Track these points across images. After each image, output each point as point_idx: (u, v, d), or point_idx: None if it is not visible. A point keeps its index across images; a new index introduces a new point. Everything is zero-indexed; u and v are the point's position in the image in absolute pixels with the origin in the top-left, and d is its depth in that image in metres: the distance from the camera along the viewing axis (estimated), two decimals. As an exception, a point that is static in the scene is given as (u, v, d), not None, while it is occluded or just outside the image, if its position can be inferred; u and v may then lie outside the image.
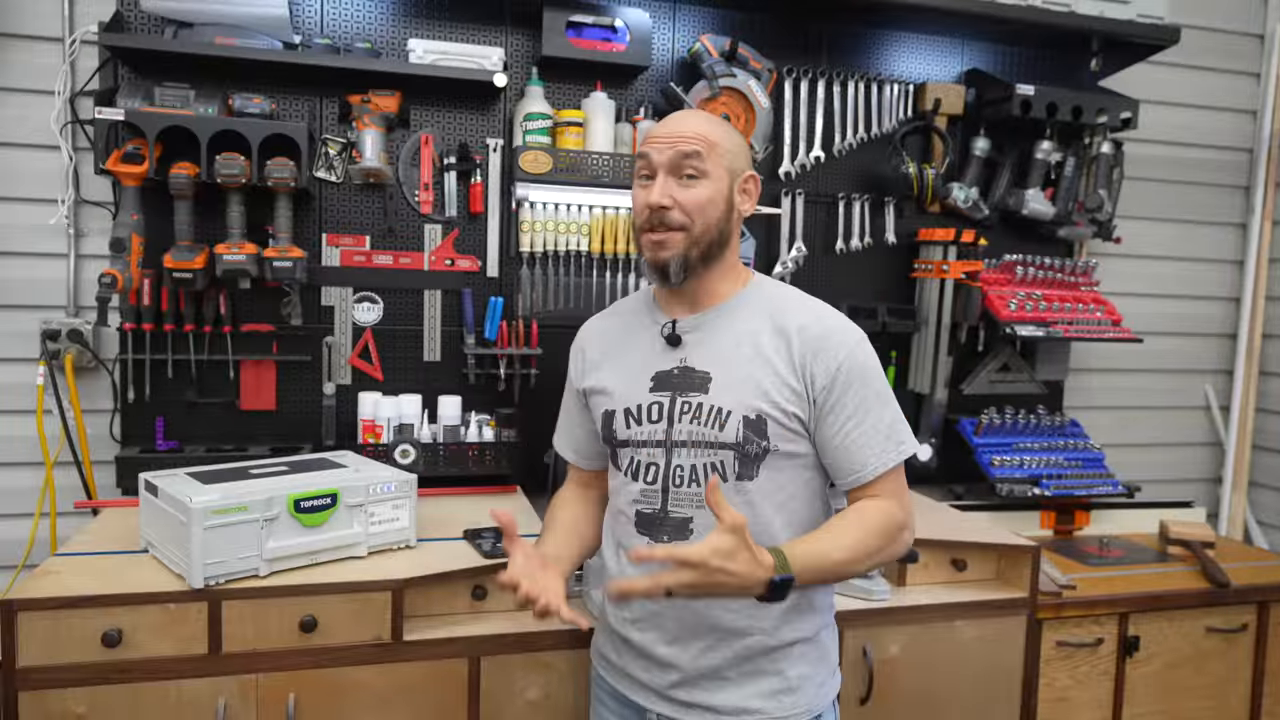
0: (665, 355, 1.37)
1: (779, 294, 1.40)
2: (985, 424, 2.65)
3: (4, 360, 2.17)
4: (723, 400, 1.30)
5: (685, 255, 1.31)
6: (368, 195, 2.30)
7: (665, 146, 1.31)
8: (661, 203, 1.30)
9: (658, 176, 1.31)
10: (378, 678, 1.65)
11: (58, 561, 1.67)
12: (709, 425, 1.30)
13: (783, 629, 1.32)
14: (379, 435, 2.23)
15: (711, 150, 1.31)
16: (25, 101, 2.14)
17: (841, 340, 1.30)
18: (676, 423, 1.33)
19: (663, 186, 1.30)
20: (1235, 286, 3.14)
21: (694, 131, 1.31)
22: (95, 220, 2.19)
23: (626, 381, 1.40)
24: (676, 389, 1.34)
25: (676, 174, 1.31)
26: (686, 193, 1.30)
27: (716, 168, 1.32)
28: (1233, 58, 3.04)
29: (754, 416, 1.29)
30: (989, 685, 2.01)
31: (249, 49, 2.07)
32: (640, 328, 1.43)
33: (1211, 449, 3.19)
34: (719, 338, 1.35)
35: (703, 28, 2.48)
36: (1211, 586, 2.28)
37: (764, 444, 1.29)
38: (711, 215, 1.32)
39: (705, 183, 1.31)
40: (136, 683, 1.54)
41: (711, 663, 1.32)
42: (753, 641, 1.32)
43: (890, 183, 2.62)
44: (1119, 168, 2.74)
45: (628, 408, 1.38)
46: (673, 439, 1.33)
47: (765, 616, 1.31)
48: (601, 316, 1.55)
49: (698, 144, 1.30)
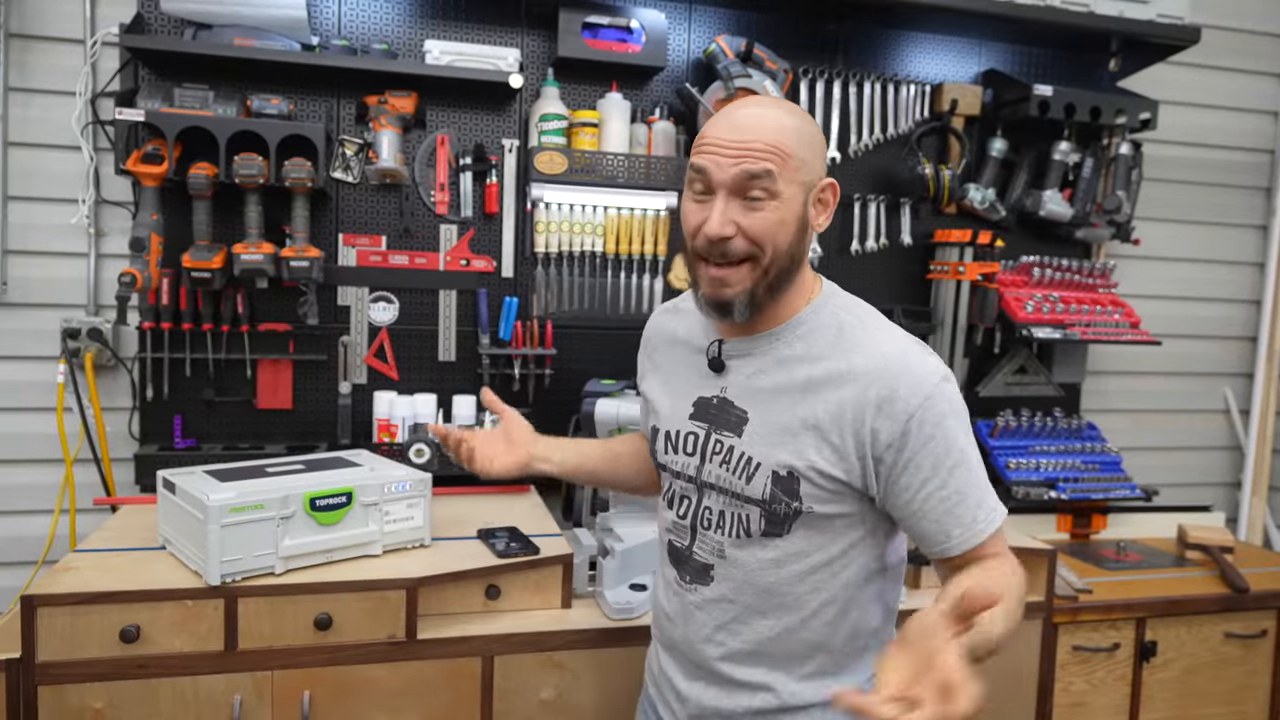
0: (708, 380, 1.22)
1: (848, 318, 1.17)
2: (1001, 426, 2.63)
3: (25, 358, 2.20)
4: (753, 450, 1.14)
5: (752, 292, 1.11)
6: (384, 195, 2.32)
7: (729, 163, 1.07)
8: (723, 233, 1.08)
9: (718, 197, 1.09)
10: (392, 676, 1.66)
11: (77, 558, 1.69)
12: (736, 474, 1.16)
13: (804, 690, 1.19)
14: (394, 434, 2.24)
15: (784, 165, 1.08)
16: (47, 102, 2.17)
17: (916, 385, 1.07)
18: (707, 462, 1.20)
19: (724, 211, 1.08)
20: (1255, 289, 3.11)
21: (765, 143, 1.07)
22: (115, 220, 2.22)
23: (672, 401, 1.28)
24: (713, 423, 1.20)
25: (740, 195, 1.08)
26: (753, 217, 1.08)
27: (789, 185, 1.09)
28: (1254, 58, 3.01)
29: (785, 474, 1.12)
30: (1004, 690, 2.00)
31: (267, 50, 2.08)
32: (694, 339, 1.27)
33: (1231, 453, 3.16)
34: (764, 371, 1.17)
35: (718, 28, 2.48)
36: (1230, 592, 2.25)
37: (794, 505, 1.12)
38: (783, 241, 1.10)
39: (775, 205, 1.08)
40: (153, 678, 1.55)
41: (723, 709, 1.22)
42: (769, 697, 1.19)
43: (906, 184, 2.61)
44: (1138, 169, 2.71)
45: (669, 431, 1.26)
46: (702, 479, 1.21)
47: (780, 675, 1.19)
48: (668, 311, 1.37)
49: (769, 160, 1.07)
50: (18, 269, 2.18)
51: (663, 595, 1.31)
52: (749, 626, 1.18)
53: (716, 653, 1.21)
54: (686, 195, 1.15)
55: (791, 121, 1.11)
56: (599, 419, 2.00)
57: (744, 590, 1.18)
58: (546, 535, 1.91)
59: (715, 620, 1.21)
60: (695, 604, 1.23)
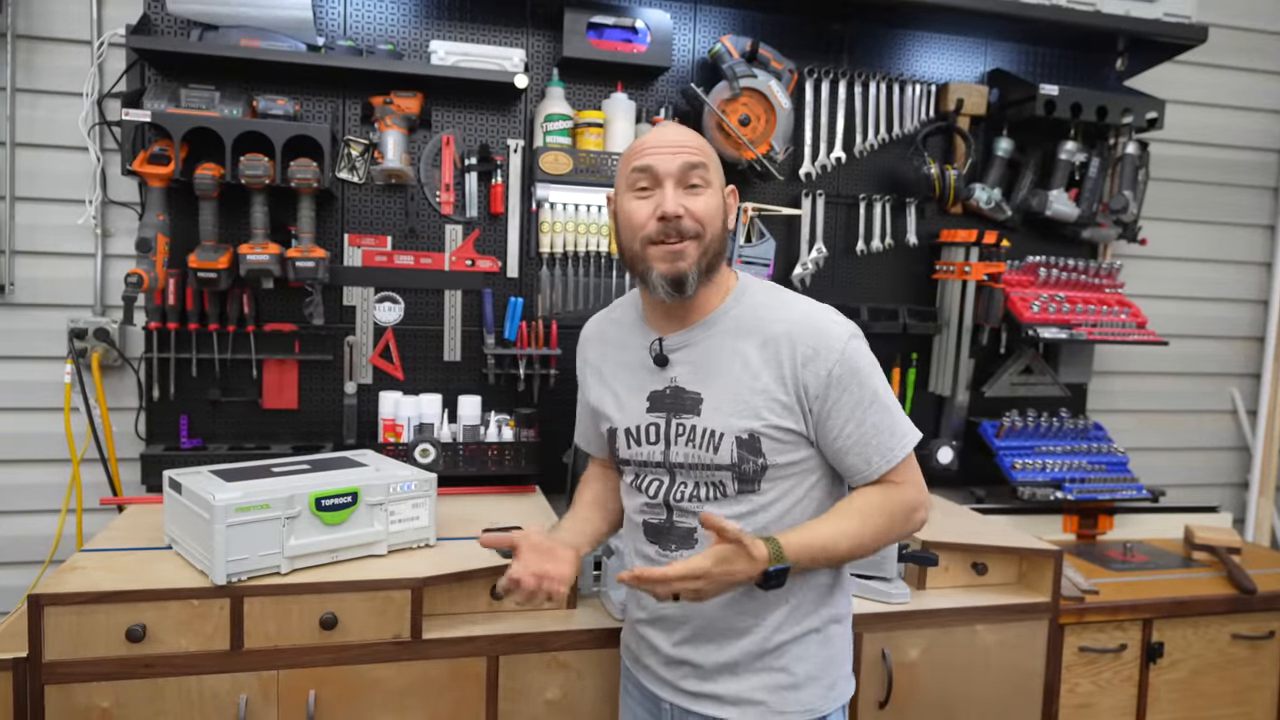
0: (655, 375, 1.37)
1: (764, 299, 1.37)
2: (1007, 427, 2.62)
3: (32, 358, 2.20)
4: (714, 423, 1.31)
5: (699, 265, 1.30)
6: (389, 196, 2.32)
7: (670, 156, 1.29)
8: (677, 211, 1.28)
9: (665, 186, 1.29)
10: (397, 675, 1.66)
11: (83, 557, 1.69)
12: (703, 449, 1.31)
13: (786, 624, 1.34)
14: (399, 434, 2.24)
15: (710, 161, 1.32)
16: (54, 103, 2.17)
17: (831, 343, 1.28)
18: (673, 444, 1.34)
19: (674, 195, 1.28)
20: (1263, 289, 3.10)
21: (693, 143, 1.32)
22: (122, 220, 2.22)
23: (624, 401, 1.41)
24: (670, 410, 1.35)
25: (683, 184, 1.29)
26: (695, 201, 1.29)
27: (716, 178, 1.33)
28: (1261, 57, 3.00)
29: (746, 436, 1.29)
30: (1010, 690, 1.99)
31: (273, 51, 2.09)
32: (634, 342, 1.42)
33: (1238, 453, 3.15)
34: (706, 356, 1.34)
35: (723, 28, 2.48)
36: (1237, 593, 2.25)
37: (760, 461, 1.30)
38: (717, 224, 1.31)
39: (709, 192, 1.31)
40: (160, 677, 1.56)
41: (723, 659, 1.35)
42: (759, 638, 1.34)
43: (912, 184, 2.60)
44: (1144, 168, 2.70)
45: (628, 428, 1.40)
46: (671, 460, 1.35)
47: (769, 615, 1.34)
48: (601, 319, 1.53)
49: (699, 155, 1.30)
50: (25, 269, 2.19)
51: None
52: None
53: (709, 606, 1.32)
54: (626, 198, 1.32)
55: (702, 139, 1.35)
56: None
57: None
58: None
59: None
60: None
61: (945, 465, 2.60)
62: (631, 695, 1.51)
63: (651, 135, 1.34)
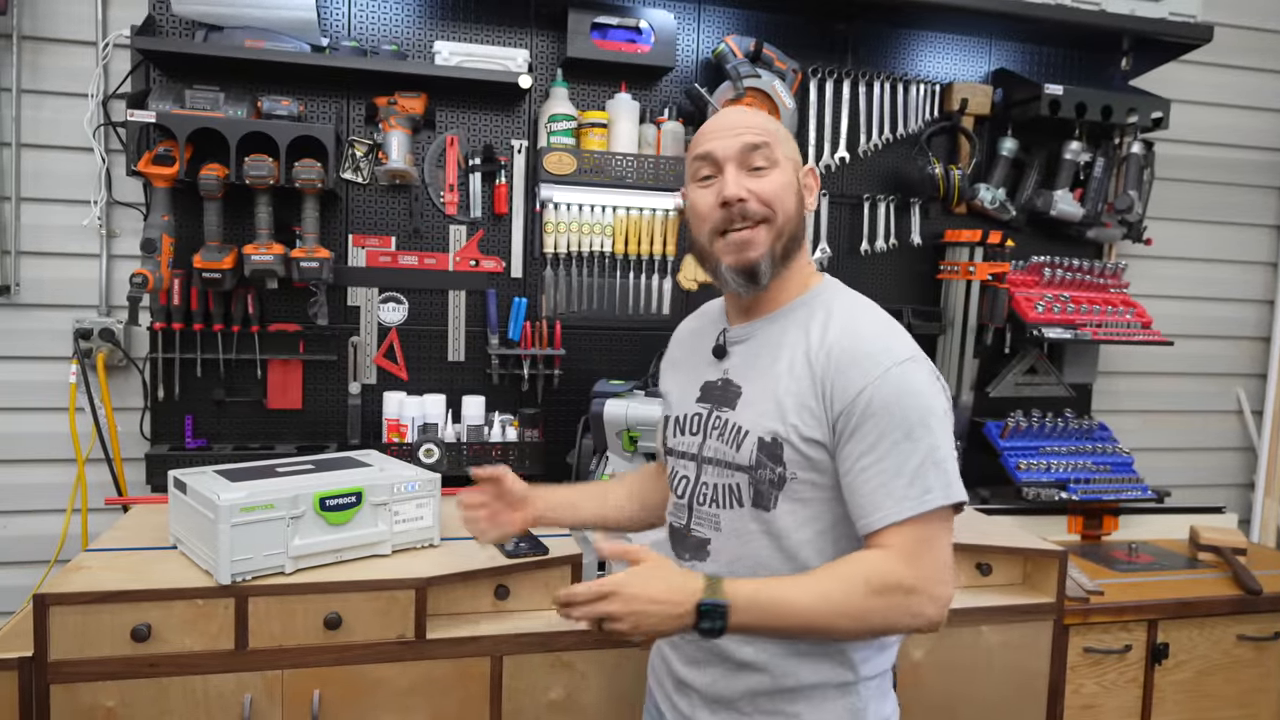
0: (713, 366, 1.31)
1: (838, 303, 1.25)
2: (1011, 427, 2.62)
3: (38, 359, 2.21)
4: (744, 419, 1.22)
5: (772, 251, 1.21)
6: (393, 196, 2.32)
7: (732, 141, 1.21)
8: (739, 194, 1.19)
9: (727, 170, 1.20)
10: (401, 675, 1.66)
11: (89, 557, 1.69)
12: (729, 444, 1.23)
13: (800, 670, 1.20)
14: (403, 434, 2.25)
15: (776, 140, 1.23)
16: (59, 104, 2.18)
17: (874, 361, 1.13)
18: (708, 437, 1.27)
19: (736, 178, 1.20)
20: (1269, 289, 3.09)
21: (755, 123, 1.23)
22: (127, 221, 2.23)
23: (681, 389, 1.35)
24: (715, 402, 1.28)
25: (745, 166, 1.20)
26: (761, 182, 1.20)
27: (784, 158, 1.23)
28: (1267, 56, 2.99)
29: (769, 439, 1.18)
30: (1014, 691, 1.99)
31: (277, 51, 2.09)
32: (709, 333, 1.35)
33: (1244, 454, 3.14)
34: (759, 350, 1.25)
35: (727, 28, 2.48)
36: (1243, 594, 2.24)
37: (779, 470, 1.17)
38: (790, 205, 1.22)
39: (776, 172, 1.21)
40: (165, 677, 1.56)
41: (723, 692, 1.24)
42: (765, 679, 1.21)
43: (916, 184, 2.60)
44: (1149, 168, 2.70)
45: (678, 416, 1.34)
46: (703, 454, 1.28)
47: (775, 652, 1.21)
48: (692, 317, 1.47)
49: (762, 135, 1.21)
50: (30, 270, 2.20)
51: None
52: None
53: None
54: (692, 189, 1.25)
55: (771, 119, 1.27)
56: (608, 419, 2.00)
57: (738, 565, 1.23)
58: (555, 535, 1.91)
59: None
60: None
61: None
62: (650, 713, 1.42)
63: (711, 121, 1.26)
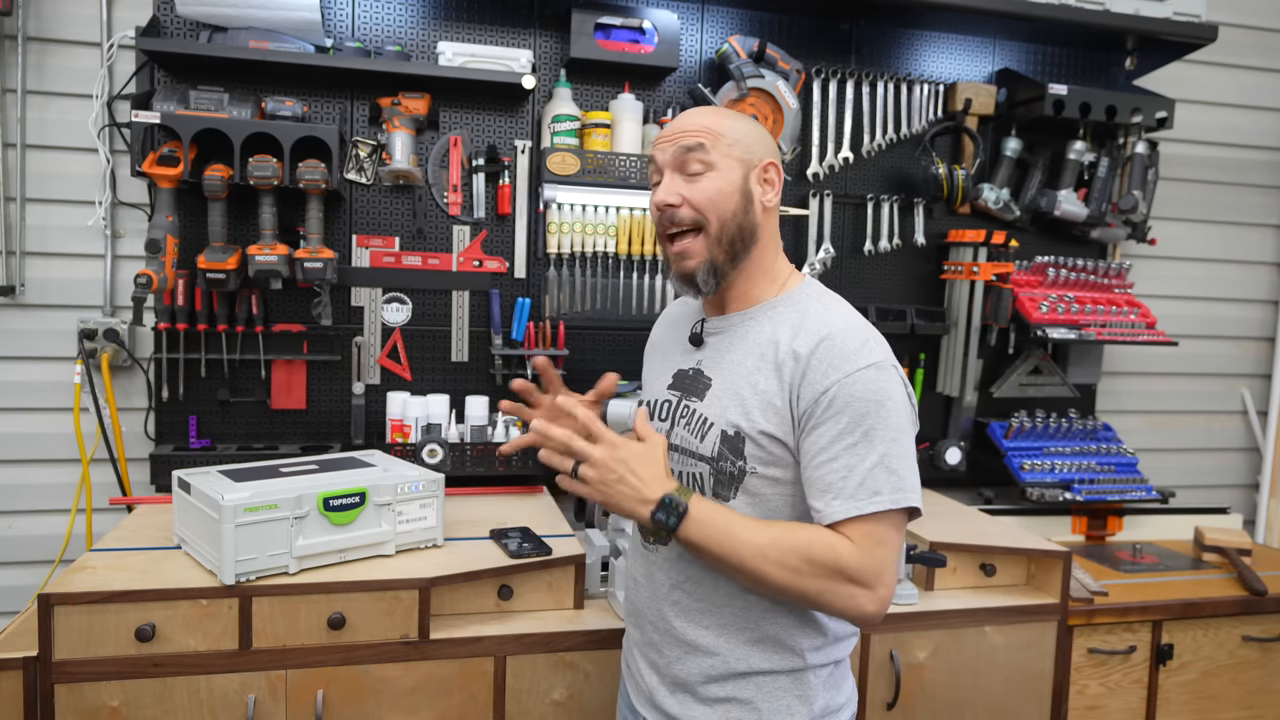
0: (688, 355, 1.34)
1: (815, 304, 1.25)
2: (1015, 427, 2.61)
3: (42, 359, 2.22)
4: (710, 411, 1.24)
5: (710, 261, 1.24)
6: (397, 197, 2.32)
7: (669, 145, 1.24)
8: (668, 200, 1.22)
9: (664, 175, 1.25)
10: (405, 675, 1.66)
11: (93, 557, 1.70)
12: (694, 434, 1.26)
13: (752, 655, 1.23)
14: (407, 435, 2.25)
15: (717, 141, 1.22)
16: (64, 105, 2.18)
17: (842, 362, 1.14)
18: (676, 425, 1.30)
19: (669, 184, 1.23)
20: (1273, 289, 3.08)
21: (696, 125, 1.23)
22: (131, 222, 2.23)
23: (657, 375, 1.40)
24: (684, 391, 1.31)
25: (683, 170, 1.23)
26: (693, 188, 1.22)
27: (724, 158, 1.23)
28: (1272, 56, 2.98)
29: (732, 433, 1.21)
30: (1018, 692, 1.99)
31: (282, 52, 2.09)
32: (689, 321, 1.39)
33: (1249, 454, 3.13)
34: (731, 344, 1.27)
35: (731, 29, 2.47)
36: (1248, 594, 2.23)
37: (739, 464, 1.20)
38: (726, 209, 1.22)
39: (712, 175, 1.22)
40: (168, 677, 1.56)
41: (681, 675, 1.27)
42: (718, 661, 1.24)
43: (920, 184, 2.60)
44: (1154, 168, 2.69)
45: (649, 401, 1.38)
46: (671, 442, 1.30)
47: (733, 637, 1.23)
48: (677, 302, 1.49)
49: (700, 136, 1.22)
50: (35, 270, 2.20)
51: (633, 561, 1.39)
52: (701, 585, 1.25)
53: (673, 611, 1.28)
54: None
55: (726, 114, 1.27)
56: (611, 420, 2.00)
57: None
58: (559, 536, 1.91)
59: (672, 579, 1.28)
60: (656, 564, 1.31)
61: (953, 466, 2.59)
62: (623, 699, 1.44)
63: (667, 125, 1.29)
